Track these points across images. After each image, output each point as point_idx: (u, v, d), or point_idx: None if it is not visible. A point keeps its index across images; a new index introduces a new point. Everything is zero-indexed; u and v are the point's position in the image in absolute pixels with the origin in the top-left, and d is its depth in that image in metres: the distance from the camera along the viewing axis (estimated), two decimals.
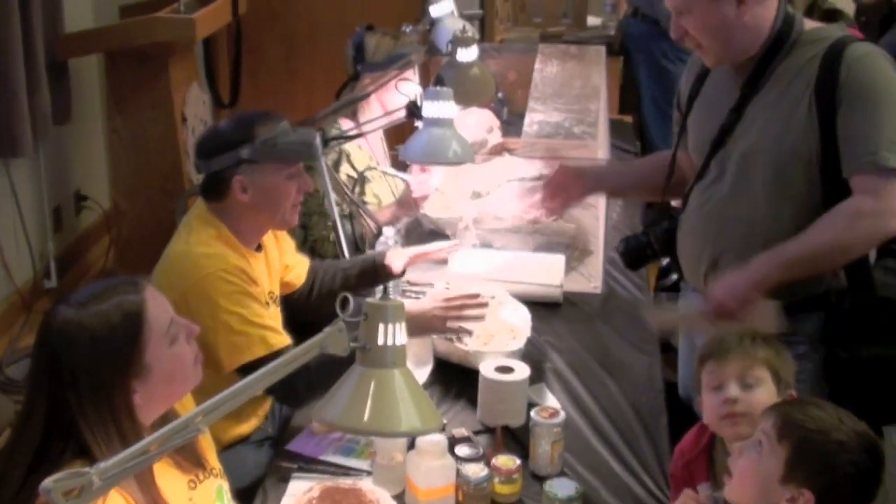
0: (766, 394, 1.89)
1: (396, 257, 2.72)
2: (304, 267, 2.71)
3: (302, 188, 2.42)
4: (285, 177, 2.36)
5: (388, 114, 3.11)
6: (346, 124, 3.21)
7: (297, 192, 2.40)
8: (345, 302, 1.46)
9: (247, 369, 2.22)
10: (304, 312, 2.62)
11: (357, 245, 3.17)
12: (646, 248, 2.53)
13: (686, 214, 2.44)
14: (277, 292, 2.56)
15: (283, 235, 2.63)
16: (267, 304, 2.42)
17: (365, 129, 3.09)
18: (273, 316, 2.39)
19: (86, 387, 1.61)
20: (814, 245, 2.17)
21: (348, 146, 3.20)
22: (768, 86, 2.26)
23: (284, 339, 2.31)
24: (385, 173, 3.37)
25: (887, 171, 2.12)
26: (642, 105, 5.27)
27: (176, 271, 2.30)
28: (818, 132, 2.17)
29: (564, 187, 2.68)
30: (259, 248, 2.47)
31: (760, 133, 2.26)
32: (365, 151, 3.32)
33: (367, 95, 3.17)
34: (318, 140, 2.37)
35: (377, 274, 2.71)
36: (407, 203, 3.28)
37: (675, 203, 2.57)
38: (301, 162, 2.39)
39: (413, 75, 3.33)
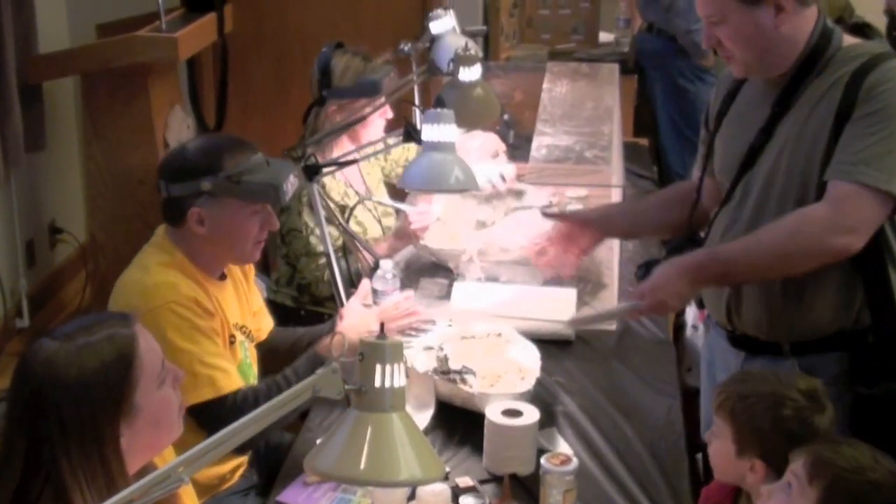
0: None
1: (337, 346, 2.69)
2: (268, 326, 2.72)
3: (266, 227, 2.43)
4: (248, 213, 2.38)
5: (380, 139, 3.13)
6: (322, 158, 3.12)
7: (259, 230, 2.42)
8: (341, 340, 1.46)
9: (196, 412, 2.23)
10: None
11: (353, 282, 3.16)
12: None
13: (710, 240, 2.45)
14: (251, 326, 2.56)
15: (252, 280, 2.64)
16: (231, 338, 2.43)
17: (355, 155, 3.09)
18: (228, 355, 2.38)
19: (72, 426, 1.61)
20: (753, 248, 2.22)
21: (324, 178, 3.18)
22: (798, 104, 2.28)
23: (235, 381, 2.33)
24: (373, 202, 3.37)
25: (857, 185, 2.14)
26: (659, 127, 5.28)
27: (126, 302, 2.32)
28: None
29: (572, 240, 2.70)
30: (223, 276, 2.48)
31: (786, 155, 2.27)
32: (340, 181, 3.33)
33: (363, 119, 3.18)
34: (287, 184, 2.37)
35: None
36: (405, 235, 3.30)
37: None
38: (266, 203, 2.40)
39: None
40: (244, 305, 2.56)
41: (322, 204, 2.92)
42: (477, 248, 3.21)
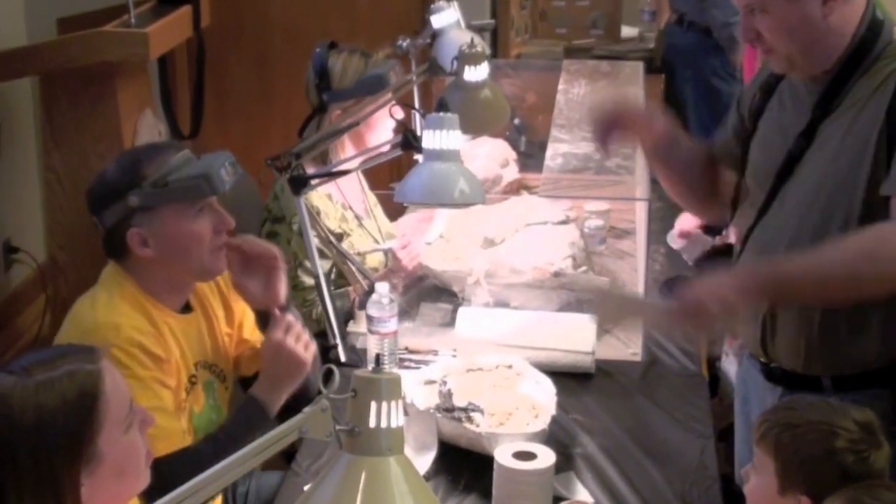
0: None
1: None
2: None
3: (219, 227, 2.43)
4: (192, 216, 2.38)
5: (376, 147, 3.12)
6: (310, 170, 3.08)
7: (213, 232, 2.42)
8: (329, 374, 1.46)
9: None
10: None
11: (351, 314, 3.19)
12: None
13: (745, 255, 2.45)
14: (223, 365, 2.56)
15: (243, 305, 2.63)
16: (192, 378, 2.44)
17: (350, 165, 3.10)
18: (172, 407, 2.36)
19: (27, 472, 1.61)
20: (819, 266, 2.18)
21: (317, 201, 3.21)
22: (843, 106, 2.28)
23: (170, 443, 2.28)
24: (364, 219, 3.37)
25: None
26: (689, 131, 5.28)
27: (67, 338, 2.33)
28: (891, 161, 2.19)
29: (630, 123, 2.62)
30: (187, 308, 2.48)
31: (830, 164, 2.28)
32: (337, 204, 3.35)
33: (355, 125, 3.17)
34: (221, 171, 2.37)
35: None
36: (399, 270, 3.30)
37: (733, 239, 2.61)
38: (203, 198, 2.39)
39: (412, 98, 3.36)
40: (217, 341, 2.56)
41: (312, 225, 2.93)
42: (484, 270, 3.22)
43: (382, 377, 1.48)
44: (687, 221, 3.40)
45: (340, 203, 3.36)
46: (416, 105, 3.59)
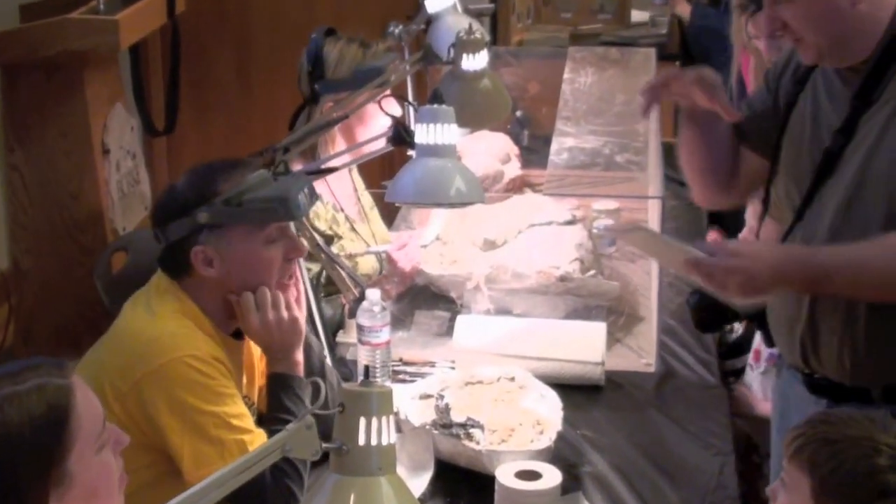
0: None
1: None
2: None
3: (290, 254, 2.44)
4: (262, 240, 2.38)
5: (364, 143, 3.10)
6: (296, 167, 3.08)
7: (284, 260, 2.43)
8: (316, 388, 1.47)
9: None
10: None
11: (341, 323, 3.20)
12: (727, 305, 2.52)
13: None
14: (254, 397, 2.56)
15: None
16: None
17: (339, 162, 3.08)
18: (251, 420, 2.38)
19: None
20: (859, 261, 2.22)
21: None
22: (883, 98, 2.29)
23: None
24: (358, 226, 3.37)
25: None
26: None
27: (130, 352, 2.32)
28: None
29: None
30: (239, 334, 2.48)
31: (874, 159, 2.28)
32: (328, 205, 3.34)
33: (344, 118, 3.17)
34: (300, 195, 2.37)
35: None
36: (395, 274, 3.31)
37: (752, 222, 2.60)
38: (277, 222, 2.40)
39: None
40: (254, 371, 2.57)
41: (299, 226, 2.87)
42: (484, 274, 3.21)
43: (373, 391, 1.48)
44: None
45: (331, 204, 3.35)
46: (410, 97, 3.57)
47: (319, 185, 3.18)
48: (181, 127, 5.21)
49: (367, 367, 2.49)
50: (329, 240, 3.26)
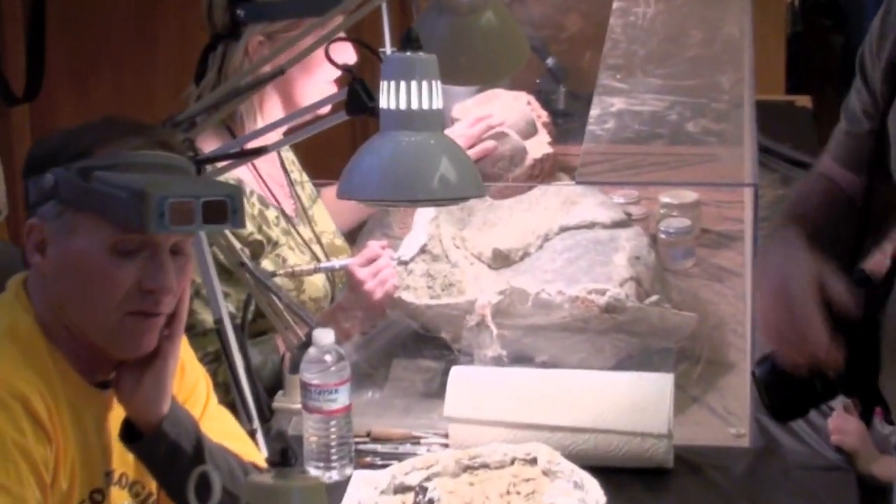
0: None
1: None
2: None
3: (147, 283, 2.38)
4: (107, 248, 2.36)
5: (308, 109, 3.10)
6: (209, 145, 3.15)
7: (137, 288, 2.39)
8: (204, 481, 1.53)
9: None
10: None
11: (279, 379, 3.24)
12: (813, 378, 2.46)
13: (892, 302, 2.49)
14: (152, 485, 2.59)
15: (195, 379, 2.68)
16: (96, 495, 2.45)
17: (272, 138, 3.02)
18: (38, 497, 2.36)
19: None
20: None
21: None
22: None
23: None
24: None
25: None
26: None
27: None
28: None
29: None
30: (105, 384, 2.50)
31: None
32: (253, 198, 3.43)
33: (281, 72, 3.06)
34: (165, 203, 2.27)
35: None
36: (357, 306, 3.35)
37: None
38: (133, 230, 2.34)
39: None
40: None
41: (211, 234, 2.96)
42: (493, 303, 3.23)
43: (292, 485, 1.55)
44: None
45: (258, 196, 3.41)
46: (387, 40, 3.66)
47: (242, 171, 3.39)
48: (54, 91, 5.61)
49: (285, 451, 2.36)
50: (257, 251, 3.30)
